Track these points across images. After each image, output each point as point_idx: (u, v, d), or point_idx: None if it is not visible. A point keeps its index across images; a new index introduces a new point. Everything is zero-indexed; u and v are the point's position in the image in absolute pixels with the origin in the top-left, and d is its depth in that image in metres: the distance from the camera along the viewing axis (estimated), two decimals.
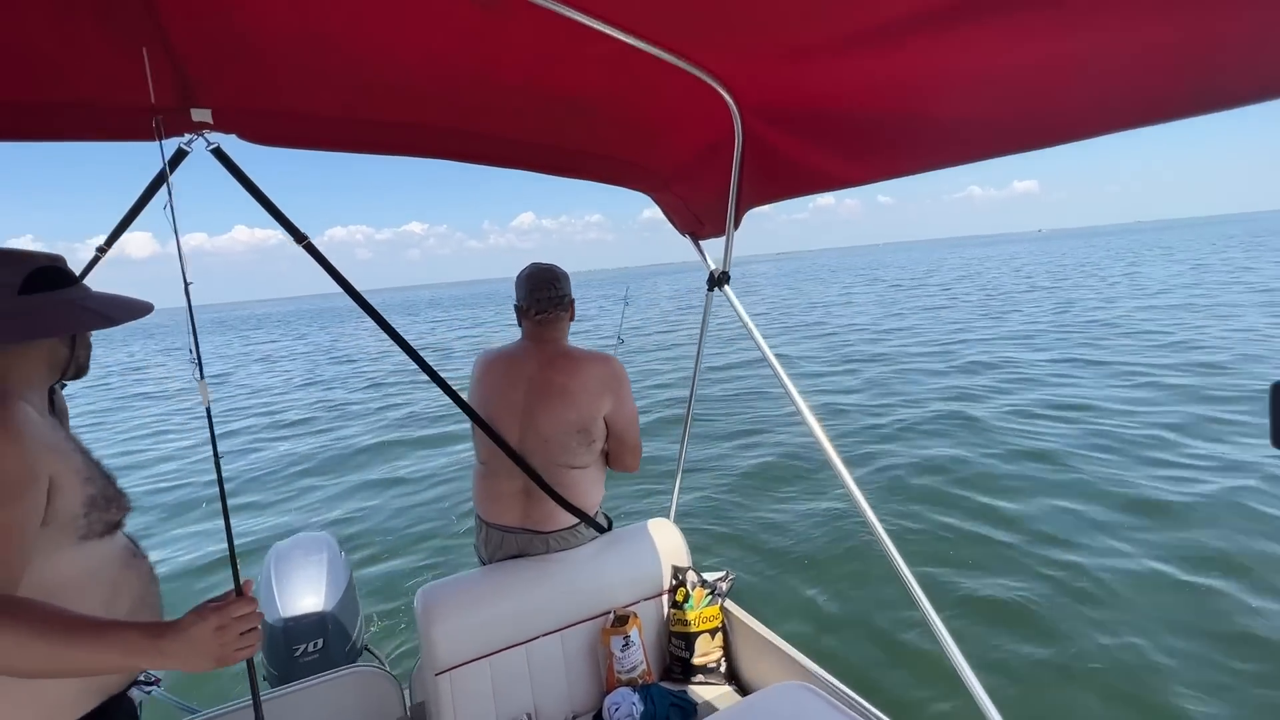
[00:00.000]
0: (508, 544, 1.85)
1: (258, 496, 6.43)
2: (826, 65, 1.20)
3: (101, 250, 1.52)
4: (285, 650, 2.27)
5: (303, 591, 2.36)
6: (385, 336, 1.75)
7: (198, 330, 1.10)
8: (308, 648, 2.29)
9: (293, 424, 9.91)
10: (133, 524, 1.18)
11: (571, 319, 1.90)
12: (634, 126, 1.70)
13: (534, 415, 1.77)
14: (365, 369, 15.75)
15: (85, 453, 1.09)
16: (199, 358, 1.08)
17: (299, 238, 1.59)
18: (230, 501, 1.15)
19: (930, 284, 29.24)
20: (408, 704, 1.85)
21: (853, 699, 1.49)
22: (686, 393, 2.17)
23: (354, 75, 1.35)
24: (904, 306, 20.01)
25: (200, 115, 1.39)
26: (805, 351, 12.62)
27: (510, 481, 1.80)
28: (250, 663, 1.08)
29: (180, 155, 1.41)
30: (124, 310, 1.12)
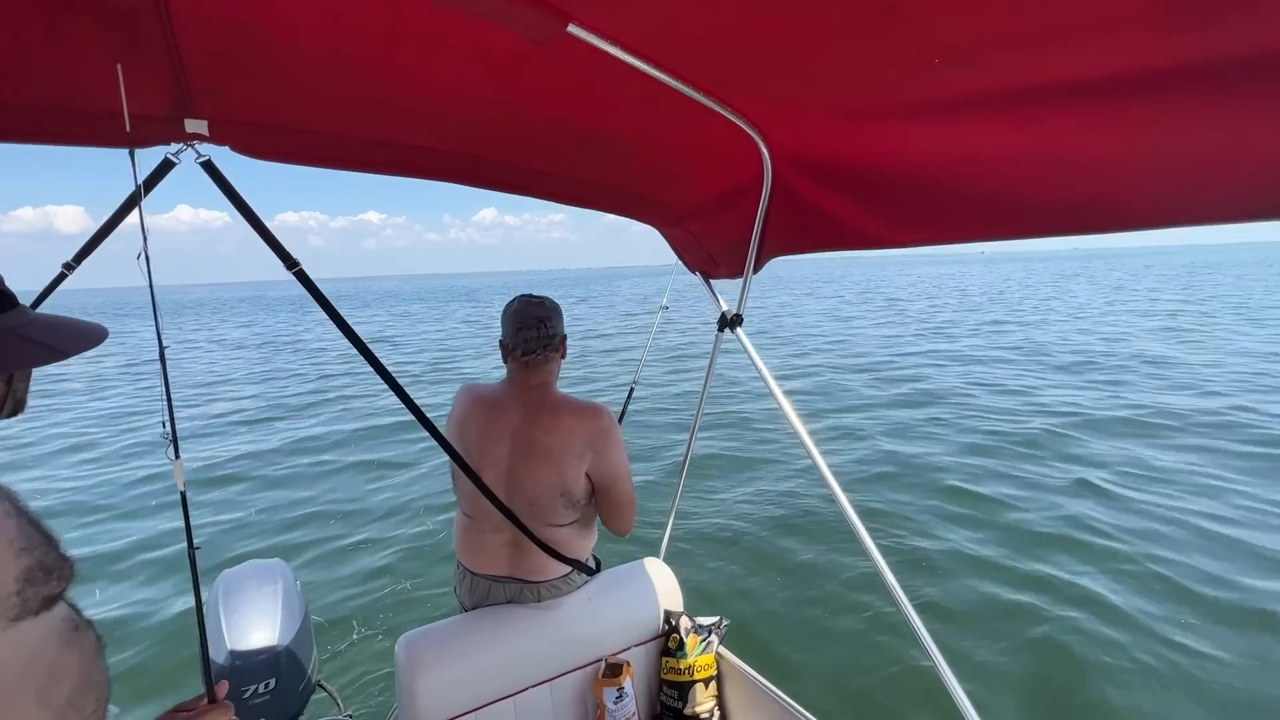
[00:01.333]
0: (495, 593, 1.72)
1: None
2: (873, 128, 1.17)
3: (69, 267, 1.33)
4: (233, 693, 2.06)
5: (254, 625, 2.15)
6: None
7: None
8: (258, 689, 2.09)
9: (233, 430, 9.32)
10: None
11: (563, 357, 1.77)
12: (656, 162, 1.63)
13: (519, 475, 1.64)
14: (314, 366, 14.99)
15: (21, 513, 0.92)
16: (174, 433, 0.92)
17: (290, 264, 1.43)
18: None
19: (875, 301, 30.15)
20: None
21: None
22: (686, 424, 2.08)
23: (376, 98, 1.24)
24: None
25: (195, 126, 1.24)
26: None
27: (497, 534, 1.68)
28: None
29: (166, 167, 1.25)
30: (74, 340, 0.94)
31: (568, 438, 1.62)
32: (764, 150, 1.41)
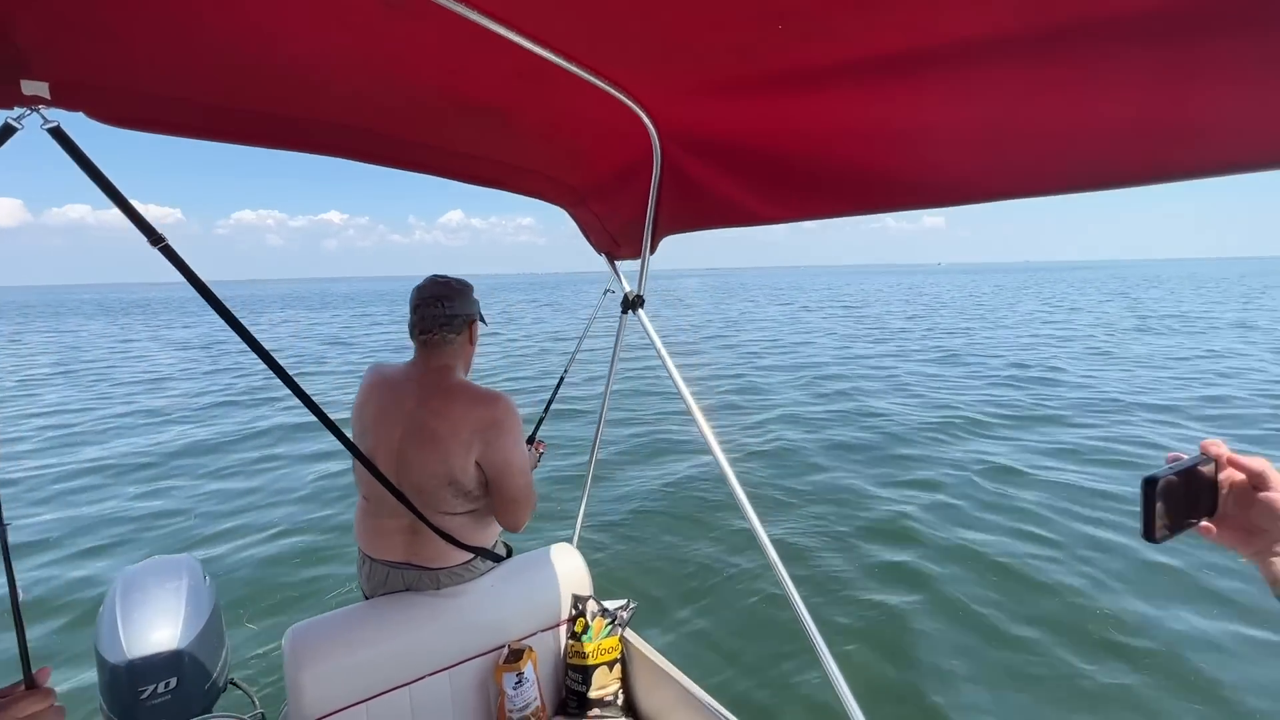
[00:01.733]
0: (393, 580, 1.70)
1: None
2: (749, 103, 1.20)
3: None
4: (129, 693, 1.99)
5: (153, 624, 2.08)
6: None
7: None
8: (157, 688, 2.01)
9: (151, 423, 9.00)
10: None
11: (472, 341, 1.75)
12: (551, 140, 1.63)
13: (407, 460, 1.61)
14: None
15: None
16: None
17: (155, 239, 1.37)
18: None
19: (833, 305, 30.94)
20: None
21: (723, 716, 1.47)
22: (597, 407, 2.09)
23: (230, 61, 1.20)
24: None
25: (33, 88, 1.17)
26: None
27: (394, 519, 1.65)
28: None
29: (7, 131, 1.20)
30: None
31: (456, 425, 1.60)
32: (651, 128, 1.43)
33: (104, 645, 2.09)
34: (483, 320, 1.78)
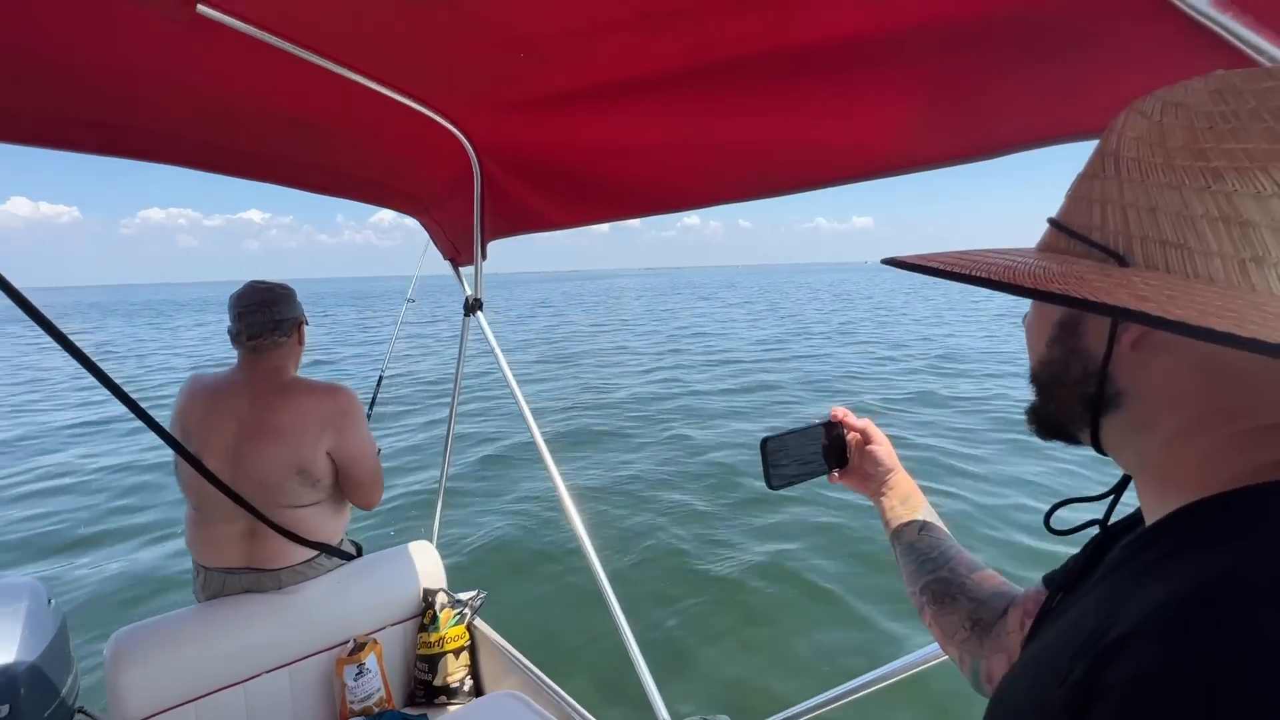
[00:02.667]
0: (230, 585, 1.71)
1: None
2: (542, 120, 1.32)
3: None
4: None
5: None
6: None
7: None
8: None
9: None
10: None
11: (301, 342, 1.79)
12: (380, 154, 1.69)
13: (243, 457, 1.63)
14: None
15: None
16: None
17: None
18: None
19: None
20: None
21: (569, 705, 1.58)
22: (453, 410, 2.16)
23: (26, 65, 1.20)
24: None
25: None
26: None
27: (229, 525, 1.66)
28: None
29: None
30: None
31: (303, 417, 1.65)
32: (467, 144, 1.53)
33: None
34: (305, 320, 1.83)
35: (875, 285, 53.33)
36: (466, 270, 1.98)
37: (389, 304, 45.46)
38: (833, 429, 0.85)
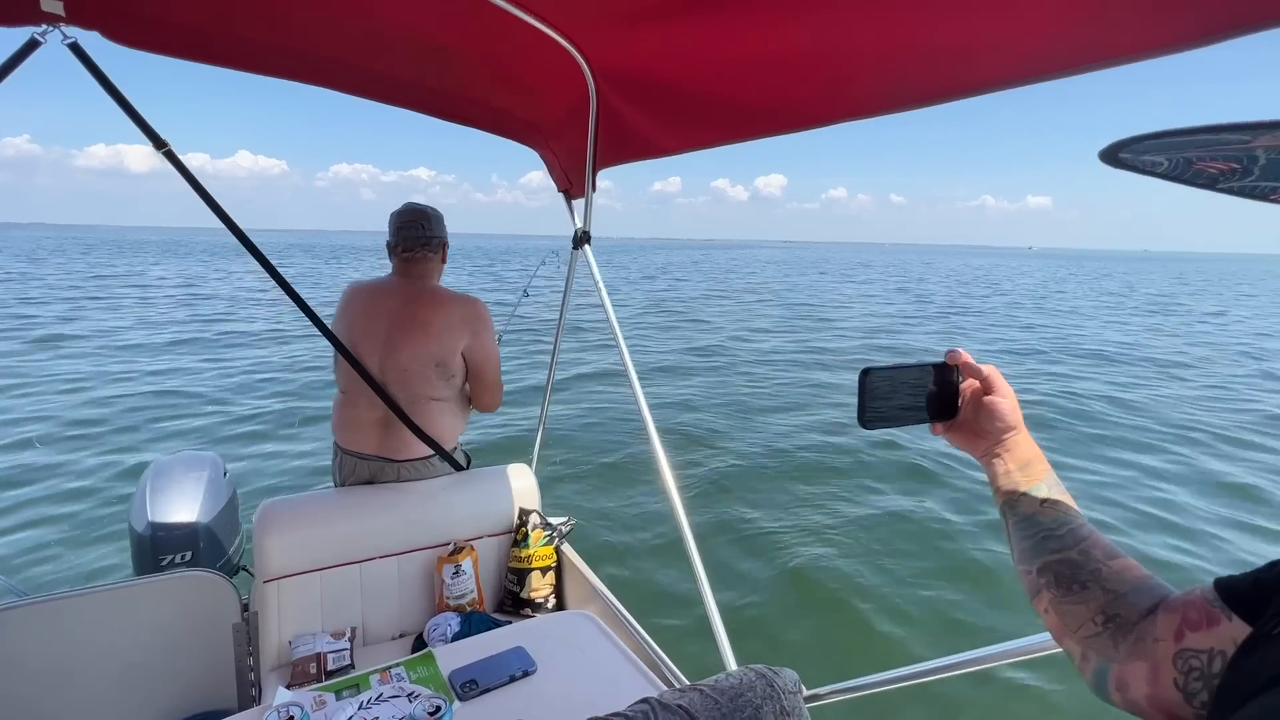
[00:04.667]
0: (360, 470, 1.91)
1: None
2: (658, 34, 1.26)
3: None
4: (151, 559, 2.33)
5: (175, 505, 2.41)
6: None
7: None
8: (175, 559, 2.34)
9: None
10: None
11: (444, 260, 1.95)
12: (508, 80, 1.73)
13: (395, 346, 1.82)
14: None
15: None
16: None
17: (159, 144, 1.60)
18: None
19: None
20: (245, 611, 1.92)
21: (640, 636, 1.59)
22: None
23: None
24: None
25: (51, 5, 1.37)
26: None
27: (370, 410, 1.86)
28: None
29: (32, 45, 1.41)
30: None
31: (447, 317, 1.84)
32: (585, 67, 1.51)
33: (134, 519, 2.44)
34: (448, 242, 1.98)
35: (1033, 273, 47.53)
36: (578, 205, 2.00)
37: (525, 260, 48.28)
38: (945, 372, 0.73)
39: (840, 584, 3.67)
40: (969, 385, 0.74)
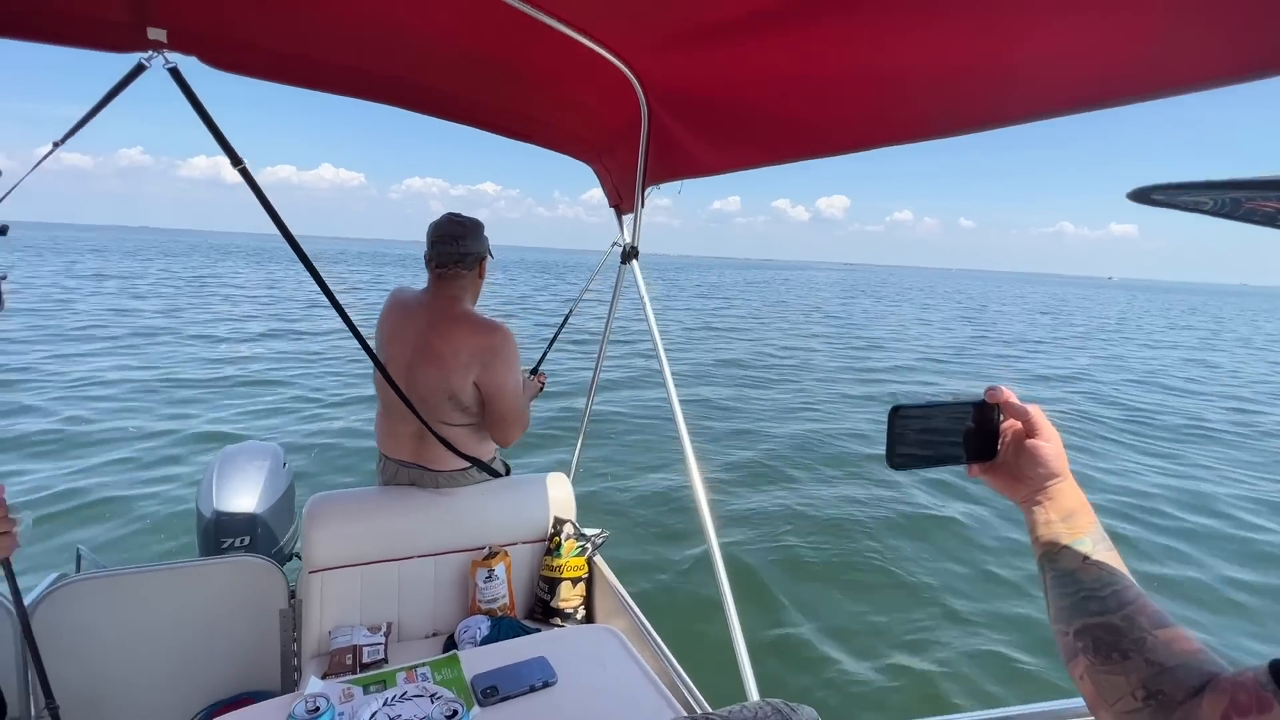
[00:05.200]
0: (401, 475, 1.98)
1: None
2: (708, 53, 1.28)
3: (56, 144, 1.68)
4: (214, 542, 2.47)
5: (237, 492, 2.55)
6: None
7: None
8: (234, 543, 2.48)
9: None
10: None
11: (482, 276, 1.94)
12: (562, 98, 1.79)
13: (413, 373, 1.84)
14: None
15: None
16: None
17: (235, 161, 1.71)
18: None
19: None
20: (291, 598, 2.01)
21: (665, 655, 1.57)
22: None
23: (299, 15, 1.47)
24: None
25: (156, 34, 1.51)
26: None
27: (405, 424, 1.89)
28: (6, 561, 1.24)
29: (138, 69, 1.56)
30: None
31: (458, 348, 1.81)
32: (637, 85, 1.55)
33: (201, 503, 2.60)
34: (490, 255, 1.98)
35: (1110, 303, 44.89)
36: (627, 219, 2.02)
37: (580, 275, 49.22)
38: (986, 411, 0.69)
39: (875, 620, 3.55)
40: (1010, 425, 0.70)
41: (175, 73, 1.55)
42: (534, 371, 2.21)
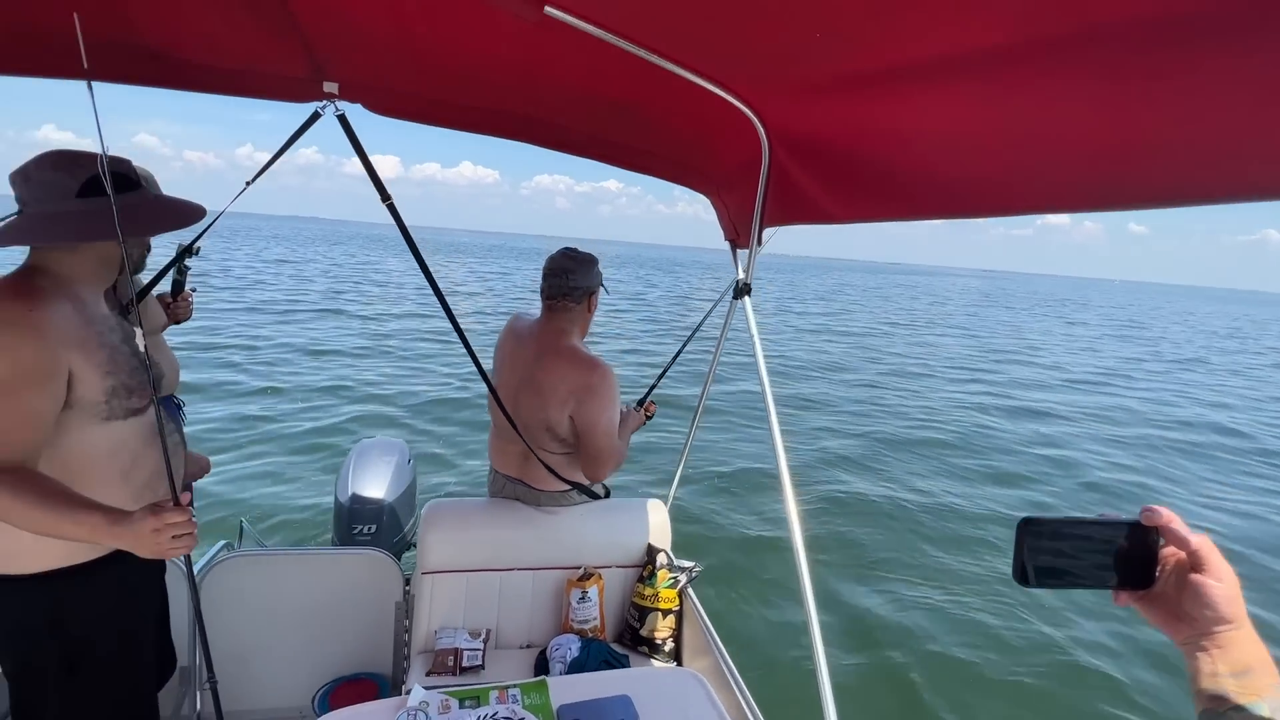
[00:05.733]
0: (508, 489, 2.08)
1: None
2: (838, 103, 1.23)
3: (248, 183, 1.92)
4: (346, 528, 2.76)
5: (368, 483, 2.83)
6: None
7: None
8: (364, 529, 2.76)
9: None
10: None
11: (591, 310, 1.98)
12: (683, 136, 1.80)
13: (519, 401, 1.92)
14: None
15: (115, 347, 1.23)
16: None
17: (384, 197, 1.87)
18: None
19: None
20: (406, 591, 2.19)
21: (748, 704, 1.54)
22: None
23: (445, 66, 1.60)
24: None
25: (330, 87, 1.71)
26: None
27: (513, 443, 1.97)
28: (187, 558, 1.32)
29: (314, 117, 1.76)
30: (170, 218, 1.28)
31: (557, 383, 1.86)
32: (759, 126, 1.52)
33: (339, 490, 2.89)
34: (604, 289, 2.02)
35: None
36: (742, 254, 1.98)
37: (691, 271, 49.03)
38: (1144, 534, 0.61)
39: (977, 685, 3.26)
40: (1172, 553, 0.61)
41: (344, 120, 1.73)
42: (641, 403, 2.24)
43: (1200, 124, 0.69)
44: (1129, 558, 0.61)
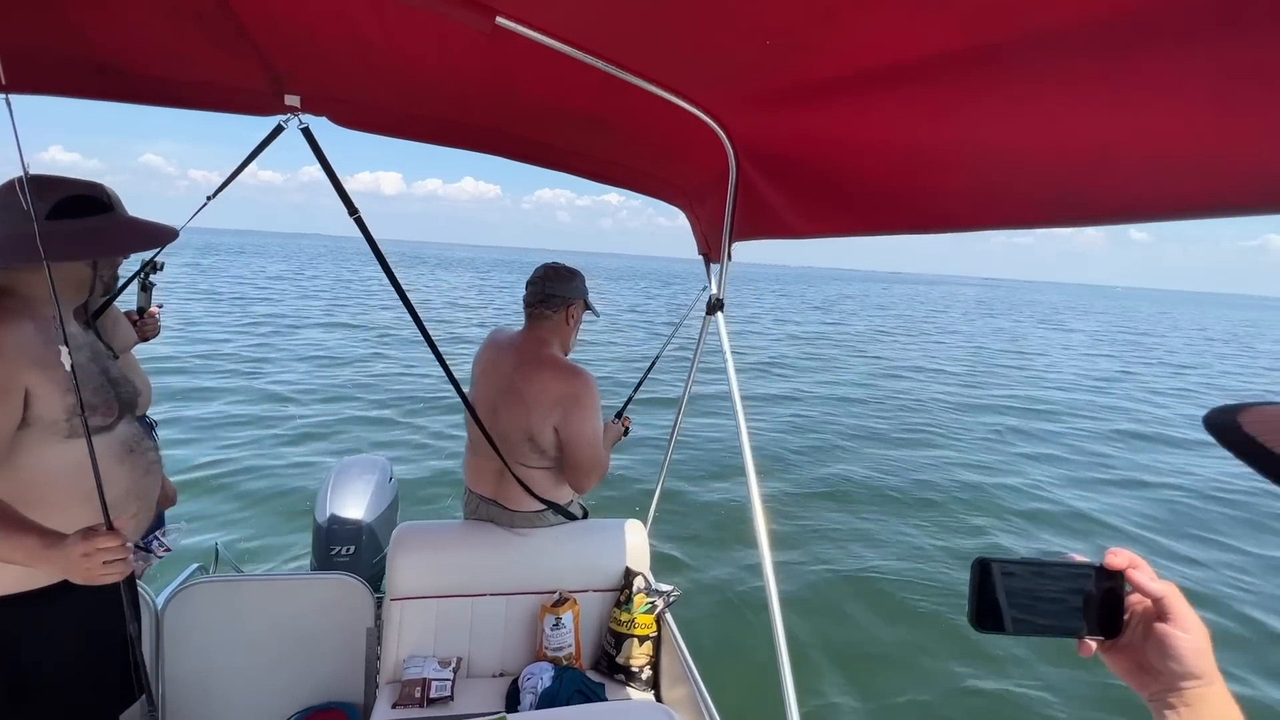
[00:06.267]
0: (482, 510, 2.03)
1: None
2: (799, 113, 1.19)
3: (209, 198, 1.89)
4: (325, 549, 2.69)
5: (348, 503, 2.76)
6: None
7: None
8: (342, 550, 2.69)
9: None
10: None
11: (570, 322, 1.94)
12: (654, 149, 1.76)
13: (497, 412, 1.88)
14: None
15: (81, 365, 1.20)
16: None
17: (351, 210, 1.85)
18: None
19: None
20: (377, 617, 2.13)
21: None
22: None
23: (407, 79, 1.56)
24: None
25: (291, 100, 1.68)
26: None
27: (489, 461, 1.93)
28: (125, 582, 1.22)
29: (277, 130, 1.73)
30: (138, 240, 1.31)
31: (540, 392, 1.83)
32: (725, 140, 1.48)
33: (317, 511, 2.83)
34: (591, 309, 1.99)
35: None
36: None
37: (688, 283, 49.13)
38: (1108, 579, 0.57)
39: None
40: (1138, 600, 0.57)
41: (307, 132, 1.70)
42: (618, 415, 2.19)
43: (1157, 134, 0.65)
44: (1095, 604, 0.57)
